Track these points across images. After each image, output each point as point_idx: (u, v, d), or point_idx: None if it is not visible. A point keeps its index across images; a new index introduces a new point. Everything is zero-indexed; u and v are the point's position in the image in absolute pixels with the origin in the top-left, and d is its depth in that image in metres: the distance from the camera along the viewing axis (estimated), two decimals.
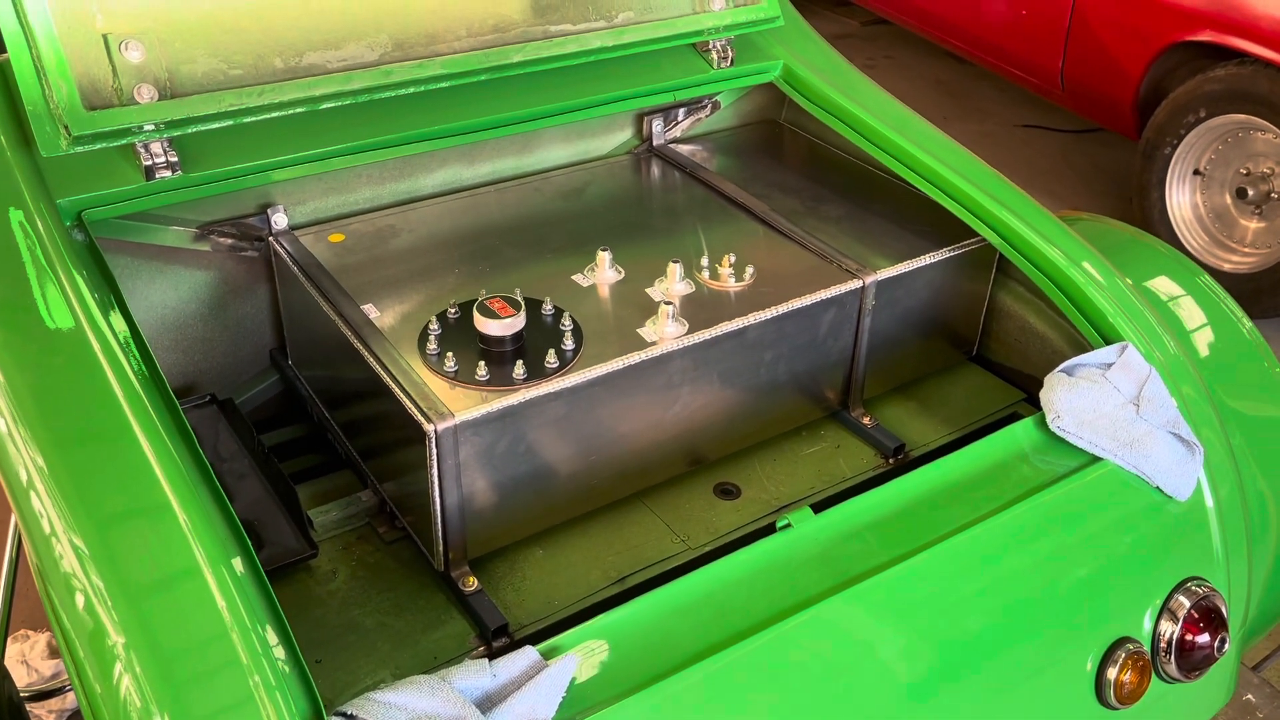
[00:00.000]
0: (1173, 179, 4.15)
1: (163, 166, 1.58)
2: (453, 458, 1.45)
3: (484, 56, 1.76)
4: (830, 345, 1.79)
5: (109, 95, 1.51)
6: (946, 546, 1.43)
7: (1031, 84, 4.82)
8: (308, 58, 1.65)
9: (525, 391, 1.49)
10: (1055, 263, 1.74)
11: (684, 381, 1.64)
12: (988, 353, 2.07)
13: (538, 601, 1.56)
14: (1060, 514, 1.52)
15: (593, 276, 1.75)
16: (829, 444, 1.88)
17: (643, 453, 1.67)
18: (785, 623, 1.30)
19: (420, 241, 1.84)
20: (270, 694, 1.07)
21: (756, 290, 1.73)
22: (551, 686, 1.16)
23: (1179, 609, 1.57)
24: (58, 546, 1.17)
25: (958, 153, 1.93)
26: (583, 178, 2.08)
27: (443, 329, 1.59)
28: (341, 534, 1.67)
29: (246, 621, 1.11)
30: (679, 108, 2.20)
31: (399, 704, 1.11)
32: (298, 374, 1.89)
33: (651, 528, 1.69)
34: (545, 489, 1.58)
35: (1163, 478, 1.56)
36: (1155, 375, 1.62)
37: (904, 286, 1.83)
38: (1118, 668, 1.51)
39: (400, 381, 1.49)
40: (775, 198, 2.02)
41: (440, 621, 1.52)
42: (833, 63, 2.13)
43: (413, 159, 1.95)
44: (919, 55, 6.30)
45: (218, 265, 1.84)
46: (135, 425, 1.25)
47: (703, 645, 1.27)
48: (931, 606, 1.41)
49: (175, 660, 1.08)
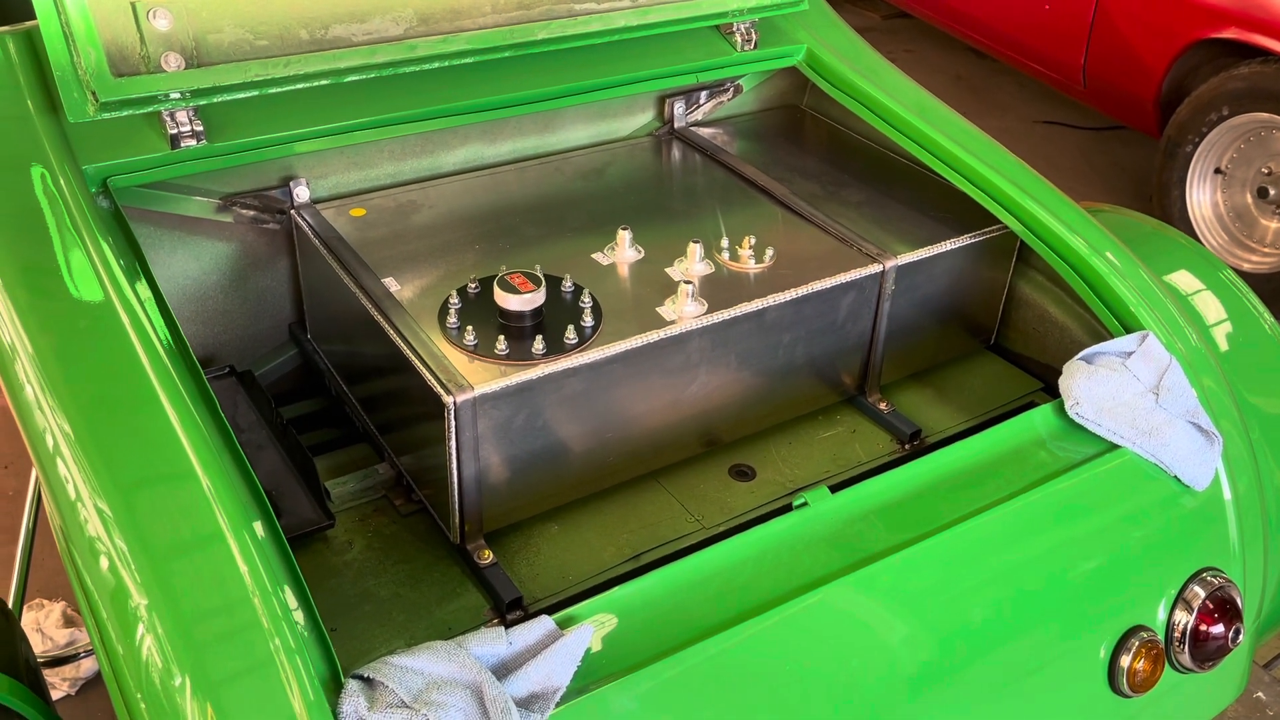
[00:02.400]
0: (1194, 177, 4.13)
1: (188, 135, 1.58)
2: (471, 430, 1.46)
3: (508, 33, 1.76)
4: (849, 329, 1.79)
5: (136, 63, 1.51)
6: (962, 530, 1.43)
7: (1053, 80, 4.80)
8: (333, 30, 1.65)
9: (544, 366, 1.49)
10: (1077, 251, 1.74)
11: (701, 361, 1.64)
12: (1005, 342, 2.07)
13: (552, 576, 1.56)
14: (1076, 501, 1.52)
15: (613, 255, 1.75)
16: (845, 428, 1.88)
17: (659, 432, 1.67)
18: (797, 601, 1.30)
19: (441, 218, 1.84)
20: (290, 657, 1.08)
21: (776, 272, 1.72)
22: (567, 655, 1.16)
23: (1194, 599, 1.57)
24: (82, 510, 1.18)
25: (981, 140, 1.93)
26: (603, 158, 2.08)
27: (463, 303, 1.59)
28: (358, 506, 1.68)
29: (267, 585, 1.11)
30: (701, 90, 2.20)
31: (416, 668, 1.11)
32: (316, 347, 1.90)
33: (666, 507, 1.69)
34: (561, 465, 1.59)
35: (1181, 467, 1.55)
36: (1175, 365, 1.61)
37: (924, 272, 1.83)
38: (1131, 656, 1.51)
39: (420, 354, 1.50)
40: (796, 182, 2.02)
41: (455, 594, 1.53)
42: (856, 48, 2.13)
43: (434, 136, 1.96)
44: (939, 49, 6.28)
45: (239, 237, 1.85)
46: (160, 391, 1.25)
47: (715, 621, 1.27)
48: (945, 590, 1.41)
49: (196, 622, 1.09)
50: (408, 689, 1.09)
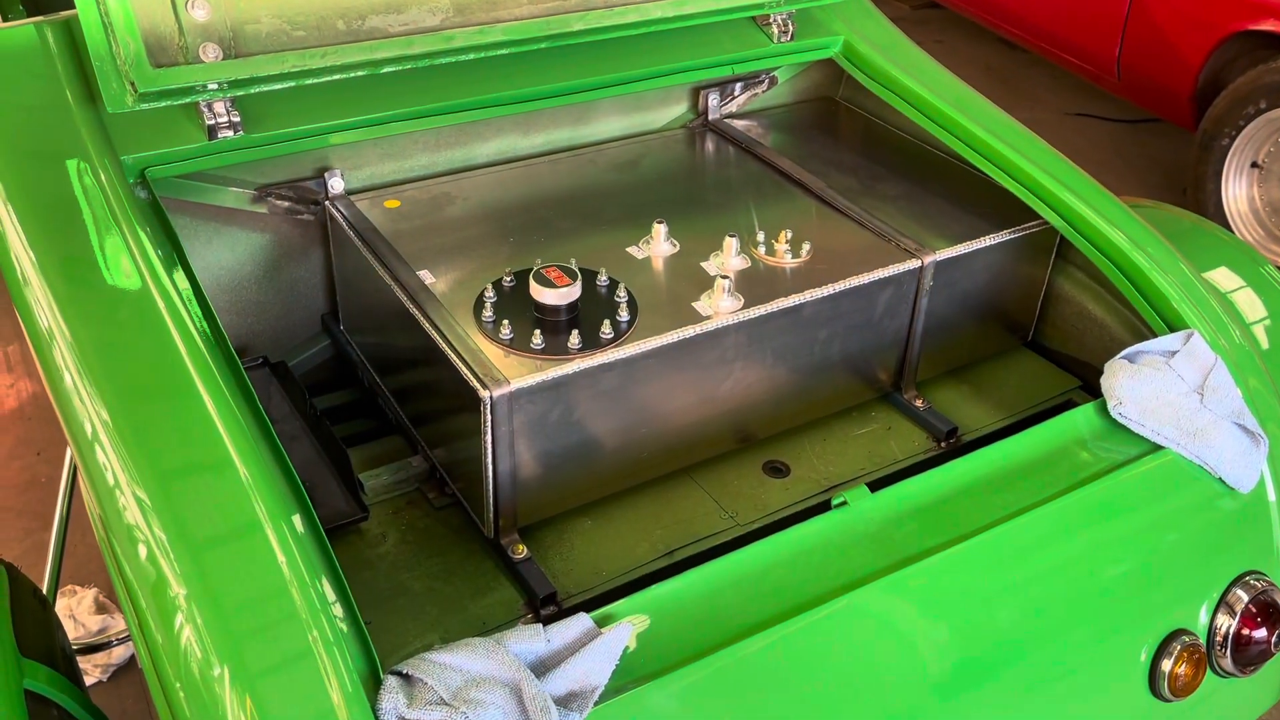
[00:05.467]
0: (1230, 171, 4.07)
1: (225, 126, 1.58)
2: (506, 425, 1.45)
3: (545, 24, 1.75)
4: (885, 325, 1.77)
5: (175, 53, 1.51)
6: (1001, 532, 1.41)
7: (1087, 72, 4.75)
8: (370, 21, 1.64)
9: (580, 361, 1.48)
10: (1120, 246, 1.71)
11: (737, 357, 1.63)
12: (1043, 339, 2.04)
13: (586, 571, 1.55)
14: (1118, 502, 1.50)
15: (647, 249, 1.73)
16: (880, 425, 1.86)
17: (693, 428, 1.66)
18: (835, 602, 1.29)
19: (475, 210, 1.83)
20: (329, 650, 1.08)
21: (813, 267, 1.71)
22: (606, 653, 1.15)
23: (1236, 603, 1.55)
24: (121, 498, 1.18)
25: (1019, 133, 1.90)
26: (637, 150, 2.06)
27: (498, 297, 1.59)
28: (391, 499, 1.68)
29: (306, 578, 1.11)
30: (735, 82, 2.18)
31: (455, 665, 1.11)
32: (349, 339, 1.89)
33: (700, 503, 1.68)
34: (595, 460, 1.58)
35: (1226, 469, 1.53)
36: (1220, 364, 1.59)
37: (962, 268, 1.80)
38: (1173, 660, 1.49)
39: (456, 348, 1.49)
40: (832, 175, 2.00)
41: (489, 588, 1.52)
42: (894, 39, 2.10)
43: (469, 127, 1.95)
44: (970, 40, 6.22)
45: (274, 228, 1.85)
46: (198, 381, 1.25)
47: (752, 621, 1.26)
48: (983, 593, 1.39)
49: (236, 613, 1.09)
50: (446, 686, 1.08)
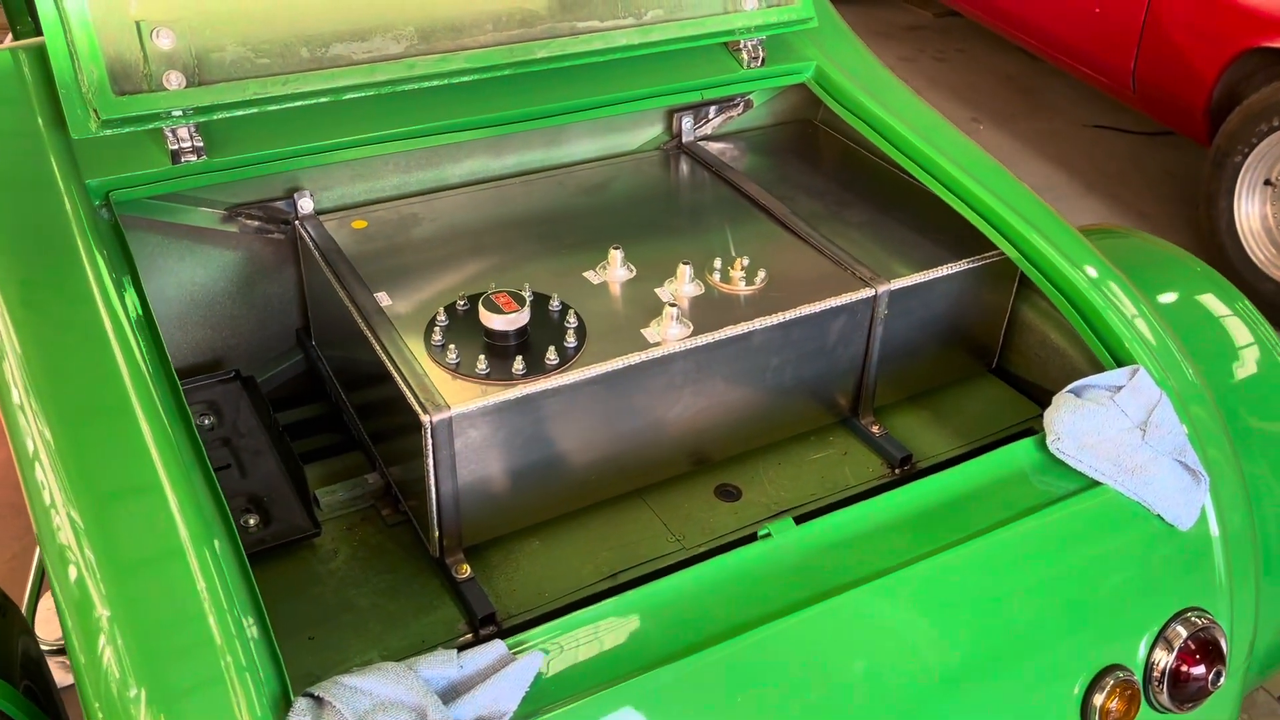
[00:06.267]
0: (1242, 188, 4.03)
1: (189, 151, 1.62)
2: (448, 448, 1.48)
3: (508, 51, 1.78)
4: (840, 353, 1.79)
5: (139, 81, 1.56)
6: (932, 563, 1.42)
7: (1102, 84, 4.71)
8: (334, 49, 1.68)
9: (523, 387, 1.51)
10: (1072, 280, 1.72)
11: (686, 383, 1.65)
12: (1009, 365, 2.05)
13: (528, 592, 1.58)
14: (1055, 537, 1.51)
15: (604, 274, 1.76)
16: (837, 450, 1.88)
17: (644, 452, 1.69)
18: (757, 631, 1.31)
19: (441, 231, 1.87)
20: (240, 674, 1.11)
21: (766, 295, 1.73)
22: (516, 681, 1.18)
23: (1175, 639, 1.55)
24: (56, 518, 1.23)
25: (983, 163, 1.91)
26: (608, 173, 2.09)
27: (450, 321, 1.62)
28: (347, 514, 1.72)
29: (223, 603, 1.15)
30: (710, 105, 2.20)
31: (364, 689, 1.14)
32: (319, 354, 1.94)
33: (649, 526, 1.71)
34: (542, 483, 1.61)
35: (1164, 506, 1.53)
36: (1165, 401, 1.59)
37: (919, 297, 1.81)
38: (1105, 695, 1.49)
39: (402, 370, 1.53)
40: (799, 200, 2.01)
41: (432, 606, 1.56)
42: (866, 65, 2.11)
43: (440, 149, 1.99)
44: (991, 50, 6.19)
45: (246, 246, 1.89)
46: (136, 405, 1.30)
47: (674, 648, 1.28)
48: (913, 623, 1.40)
49: (153, 636, 1.13)
50: (354, 710, 1.12)
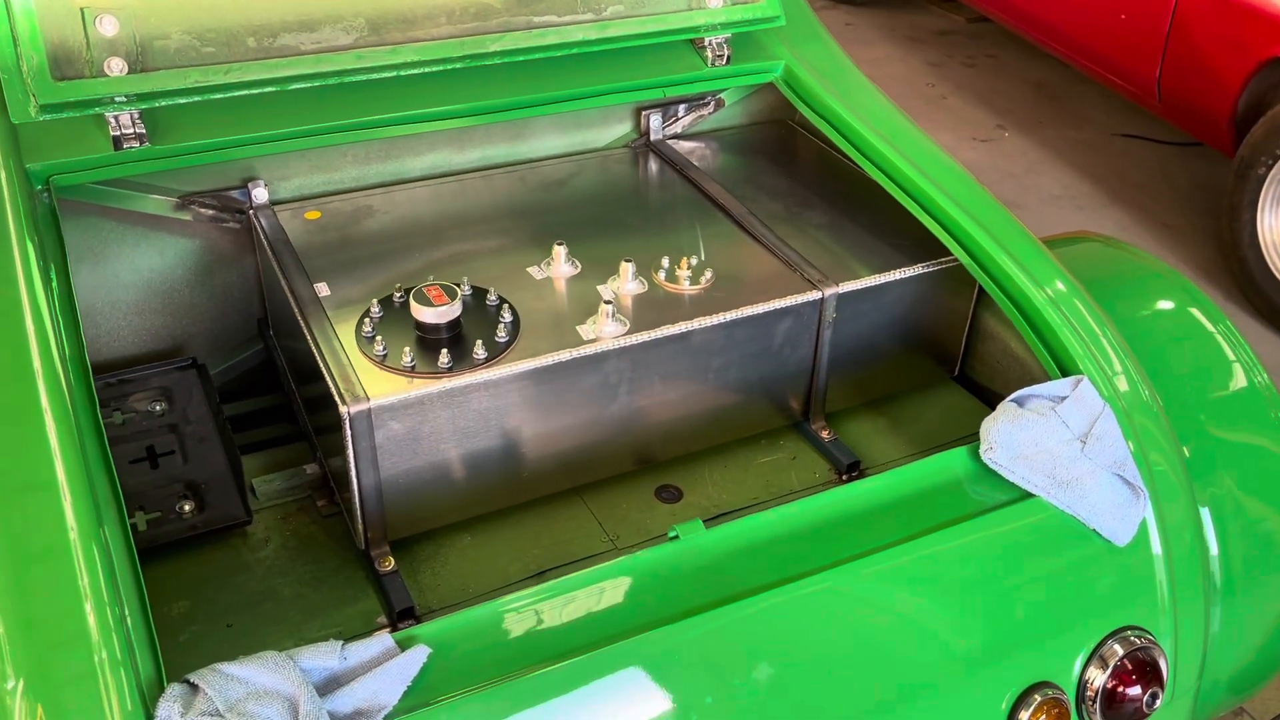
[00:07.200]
0: (1266, 200, 3.93)
1: (131, 138, 1.63)
2: (368, 440, 1.48)
3: (459, 45, 1.78)
4: (787, 355, 1.76)
5: (80, 66, 1.57)
6: (851, 569, 1.39)
7: (1128, 92, 4.62)
8: (282, 39, 1.69)
9: (447, 380, 1.50)
10: (1021, 287, 1.67)
11: (622, 382, 1.64)
12: (972, 373, 2.00)
13: (452, 588, 1.57)
14: (984, 547, 1.47)
15: (548, 270, 1.75)
16: (785, 454, 1.85)
17: (582, 449, 1.67)
18: (657, 632, 1.28)
19: (393, 224, 1.87)
20: (114, 668, 1.11)
21: (711, 294, 1.70)
22: (398, 674, 1.17)
23: (1111, 657, 1.50)
24: None
25: (945, 168, 1.87)
26: (570, 169, 2.08)
27: (384, 313, 1.61)
28: (283, 504, 1.72)
29: (104, 597, 1.15)
30: (679, 103, 2.18)
31: (241, 677, 1.14)
32: (275, 344, 1.95)
33: (584, 524, 1.69)
34: (472, 478, 1.60)
35: (1099, 520, 1.49)
36: (1109, 413, 1.54)
37: (870, 300, 1.78)
38: (1031, 711, 1.45)
39: (328, 361, 1.53)
40: (761, 201, 1.98)
41: (354, 598, 1.56)
42: (837, 65, 2.08)
43: (399, 142, 1.98)
44: (1021, 56, 6.09)
45: (203, 234, 1.90)
46: (44, 398, 1.30)
47: (571, 645, 1.26)
48: (826, 631, 1.37)
49: (35, 629, 1.13)
50: (225, 698, 1.11)
